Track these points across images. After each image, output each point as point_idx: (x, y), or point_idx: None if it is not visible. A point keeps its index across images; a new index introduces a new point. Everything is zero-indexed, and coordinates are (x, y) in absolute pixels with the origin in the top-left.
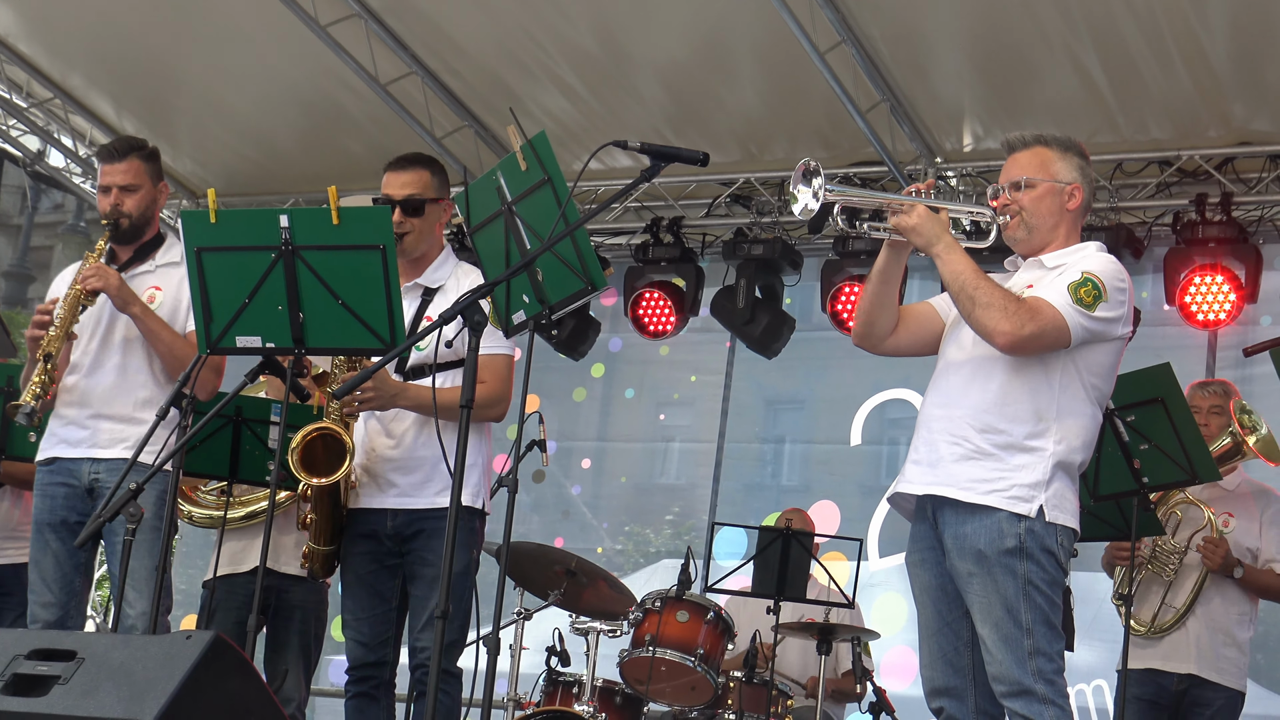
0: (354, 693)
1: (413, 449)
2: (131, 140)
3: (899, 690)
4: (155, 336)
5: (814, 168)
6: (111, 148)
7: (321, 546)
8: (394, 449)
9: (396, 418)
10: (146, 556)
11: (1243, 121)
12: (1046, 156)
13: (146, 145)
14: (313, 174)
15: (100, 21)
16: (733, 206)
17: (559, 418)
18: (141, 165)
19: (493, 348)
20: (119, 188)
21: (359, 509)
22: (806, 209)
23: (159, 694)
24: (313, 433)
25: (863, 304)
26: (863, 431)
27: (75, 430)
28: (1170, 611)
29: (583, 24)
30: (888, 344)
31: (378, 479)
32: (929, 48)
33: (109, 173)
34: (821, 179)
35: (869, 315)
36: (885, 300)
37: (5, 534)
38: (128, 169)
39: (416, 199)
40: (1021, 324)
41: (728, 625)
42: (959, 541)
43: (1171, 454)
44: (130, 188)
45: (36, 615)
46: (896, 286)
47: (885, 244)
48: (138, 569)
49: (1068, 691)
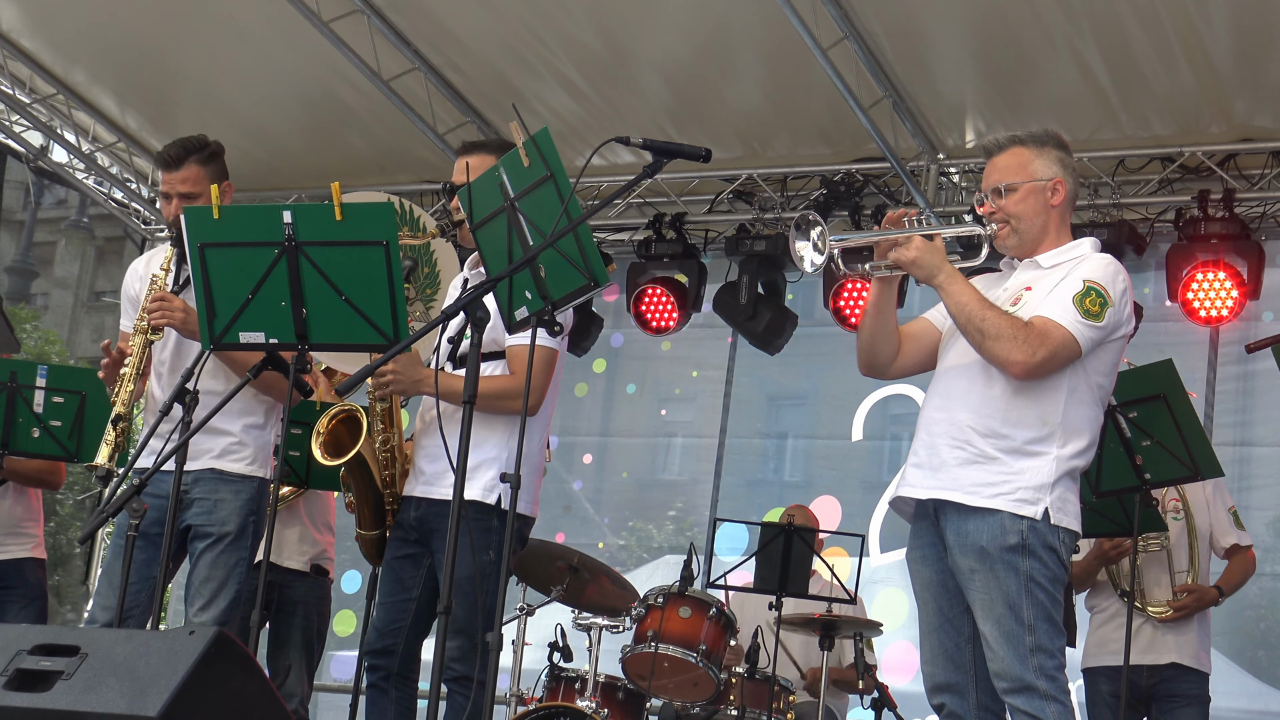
0: (369, 682)
1: (439, 436)
2: (188, 143)
3: (901, 686)
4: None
5: (811, 219)
6: (168, 155)
7: (366, 531)
8: (425, 436)
9: (431, 405)
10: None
11: (1245, 118)
12: (1024, 156)
13: (205, 146)
14: (315, 170)
15: (103, 17)
16: (735, 202)
17: (561, 413)
18: (200, 170)
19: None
20: (179, 195)
21: (404, 497)
22: (813, 264)
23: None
24: (333, 419)
25: (862, 337)
26: (864, 427)
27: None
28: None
29: (585, 20)
30: (895, 368)
31: (415, 467)
32: (931, 44)
33: (168, 181)
34: (821, 228)
35: (871, 347)
36: (884, 331)
37: (7, 530)
38: (186, 176)
39: None
40: (1033, 351)
41: (730, 621)
42: (961, 538)
43: (1173, 450)
44: (191, 196)
45: (96, 617)
46: (892, 315)
47: (875, 279)
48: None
49: (1069, 687)
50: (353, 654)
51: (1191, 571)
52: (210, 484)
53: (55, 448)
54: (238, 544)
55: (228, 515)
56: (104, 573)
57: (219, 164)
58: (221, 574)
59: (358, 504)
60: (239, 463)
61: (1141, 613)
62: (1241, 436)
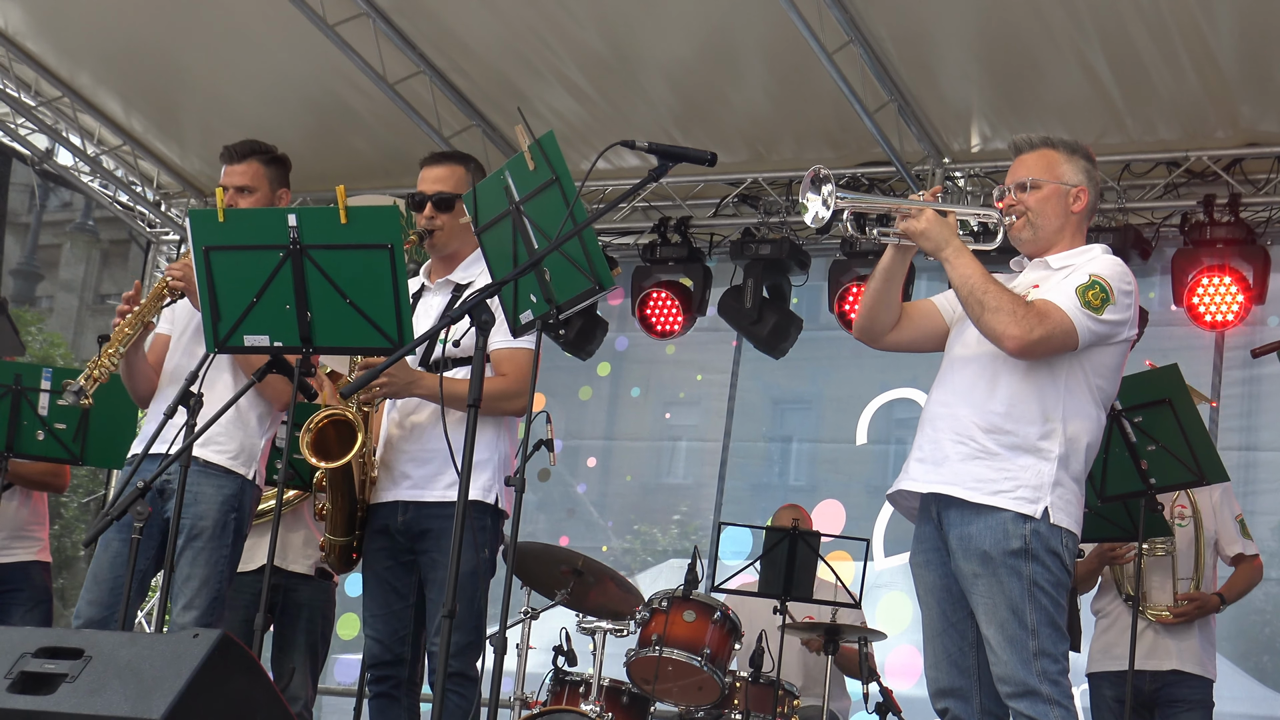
0: (375, 693)
1: (427, 441)
2: (256, 144)
3: (905, 690)
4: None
5: (823, 175)
6: (233, 149)
7: (337, 537)
8: (409, 441)
9: (416, 410)
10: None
11: (1251, 122)
12: (1053, 159)
13: (272, 150)
14: (320, 173)
15: (108, 20)
16: (740, 206)
17: (565, 416)
18: (261, 168)
19: (518, 341)
20: (235, 188)
21: (376, 503)
22: (818, 217)
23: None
24: (324, 418)
25: (865, 300)
26: (869, 431)
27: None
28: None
29: (590, 24)
30: (888, 339)
31: (392, 471)
32: (937, 48)
33: (228, 174)
34: (831, 185)
35: (871, 312)
36: (887, 298)
37: (13, 533)
38: (245, 170)
39: (448, 195)
40: (1030, 328)
41: (734, 625)
42: (964, 543)
43: (1179, 455)
44: (246, 189)
45: (81, 612)
46: (899, 285)
47: (890, 246)
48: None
49: (1072, 692)
50: (357, 657)
51: (1196, 578)
52: (191, 474)
53: (60, 450)
54: (217, 541)
55: (206, 510)
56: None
57: (282, 171)
58: (202, 572)
59: (332, 509)
60: (221, 455)
61: (1143, 616)
62: (1246, 441)
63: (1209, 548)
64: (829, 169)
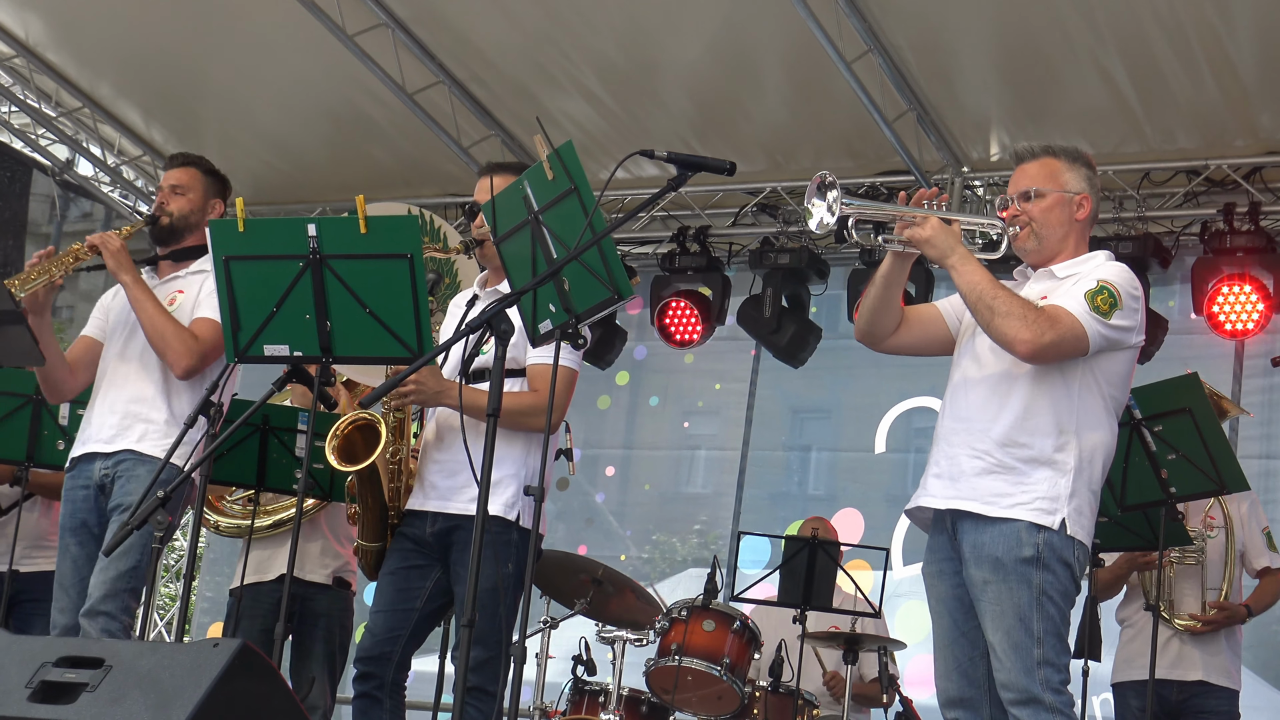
0: (358, 692)
1: (457, 452)
2: (201, 158)
3: (924, 699)
4: (140, 305)
5: (830, 181)
6: (176, 156)
7: (368, 543)
8: (441, 451)
9: (451, 420)
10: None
11: (1270, 131)
12: (1055, 167)
13: (214, 167)
14: (340, 183)
15: (129, 31)
16: (759, 216)
17: (584, 425)
18: (198, 174)
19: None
20: (170, 187)
21: (408, 511)
22: (822, 222)
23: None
24: (350, 425)
25: (865, 305)
26: (887, 440)
27: (85, 428)
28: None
29: (608, 34)
30: (888, 343)
31: (424, 481)
32: (955, 57)
33: (167, 176)
34: (837, 192)
35: (870, 316)
36: (887, 304)
37: (34, 542)
38: (184, 173)
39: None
40: (1041, 332)
41: (754, 635)
42: (976, 550)
43: (1199, 464)
44: (179, 189)
45: (55, 621)
46: (899, 291)
47: (890, 252)
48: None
49: (1075, 702)
50: None
51: (1225, 588)
52: (128, 464)
53: None
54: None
55: (139, 488)
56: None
57: (219, 184)
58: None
59: (362, 515)
60: (156, 448)
61: (1168, 625)
62: (1267, 450)
63: (1239, 559)
64: (836, 176)
